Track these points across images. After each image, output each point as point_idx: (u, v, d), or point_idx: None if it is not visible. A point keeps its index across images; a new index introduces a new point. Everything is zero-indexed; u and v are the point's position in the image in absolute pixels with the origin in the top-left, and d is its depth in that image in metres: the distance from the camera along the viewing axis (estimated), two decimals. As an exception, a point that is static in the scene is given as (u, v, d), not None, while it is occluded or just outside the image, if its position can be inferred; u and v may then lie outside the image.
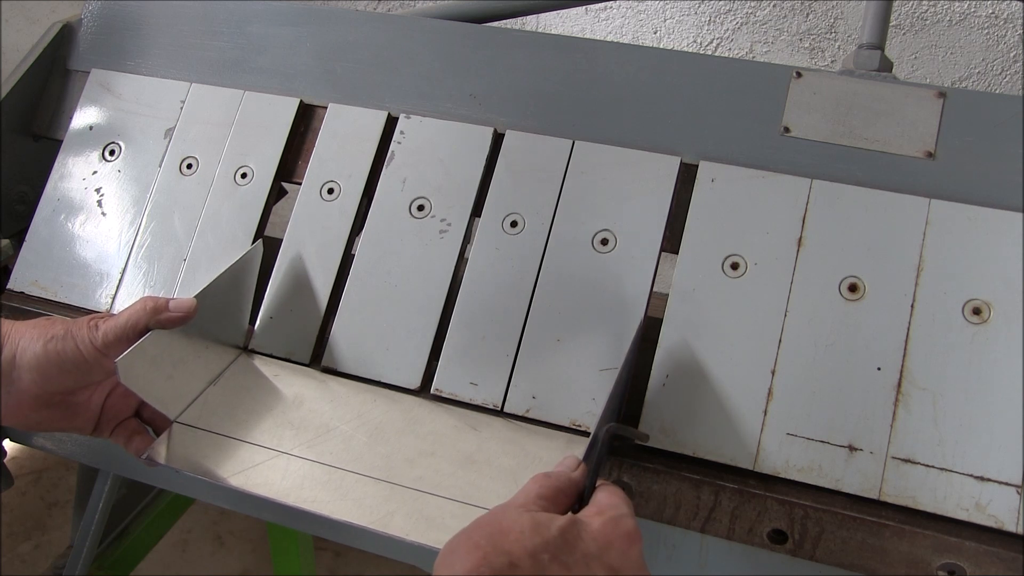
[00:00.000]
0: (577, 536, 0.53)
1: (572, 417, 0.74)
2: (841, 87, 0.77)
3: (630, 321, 0.75)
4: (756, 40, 1.31)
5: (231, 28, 0.94)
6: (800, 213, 0.75)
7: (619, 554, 0.53)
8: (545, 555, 0.51)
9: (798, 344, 0.72)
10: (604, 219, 0.79)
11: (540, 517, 0.53)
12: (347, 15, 0.92)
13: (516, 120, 0.84)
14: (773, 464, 0.69)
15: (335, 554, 1.76)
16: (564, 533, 0.53)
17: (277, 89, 0.91)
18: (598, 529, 0.54)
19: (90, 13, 1.01)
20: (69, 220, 0.92)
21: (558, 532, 0.53)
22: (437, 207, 0.83)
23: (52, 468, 1.95)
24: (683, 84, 0.81)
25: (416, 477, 0.68)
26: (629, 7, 1.35)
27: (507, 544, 0.51)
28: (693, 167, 0.79)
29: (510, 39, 0.86)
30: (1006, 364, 0.68)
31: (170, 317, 0.70)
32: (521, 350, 0.77)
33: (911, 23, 1.24)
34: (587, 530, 0.54)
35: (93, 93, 0.97)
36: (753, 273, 0.74)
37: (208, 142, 0.91)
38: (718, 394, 0.72)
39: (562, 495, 0.58)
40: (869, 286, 0.72)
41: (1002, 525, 0.65)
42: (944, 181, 0.73)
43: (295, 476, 0.69)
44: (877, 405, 0.69)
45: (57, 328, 0.69)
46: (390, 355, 0.80)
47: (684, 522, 0.69)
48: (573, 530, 0.53)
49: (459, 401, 0.77)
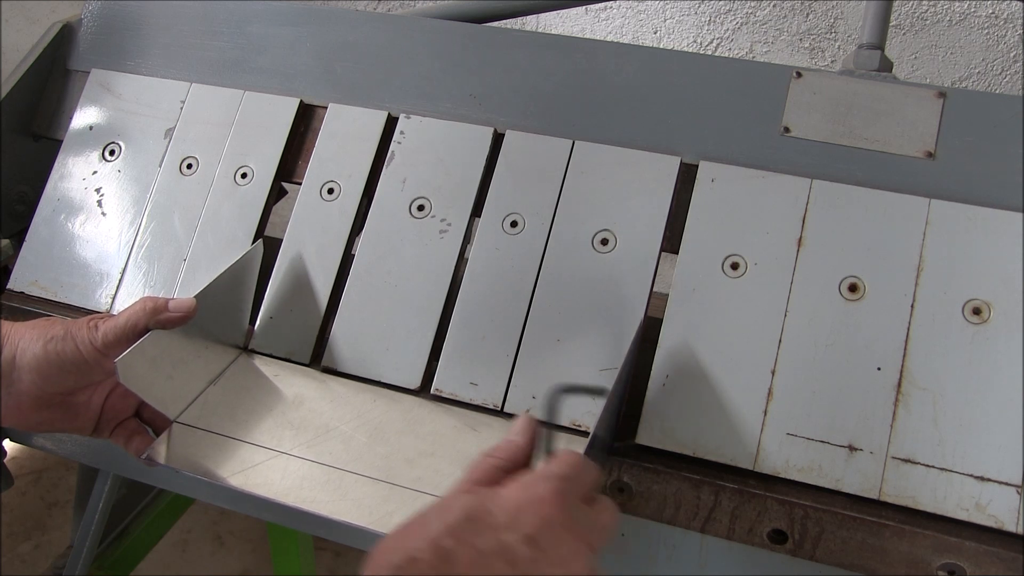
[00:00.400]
0: (486, 512, 0.49)
1: (572, 417, 0.74)
2: (841, 87, 0.77)
3: (630, 321, 0.75)
4: (756, 40, 1.31)
5: (231, 28, 0.94)
6: (800, 213, 0.75)
7: (533, 518, 0.48)
8: (448, 540, 0.47)
9: (798, 344, 0.72)
10: (604, 219, 0.79)
11: (447, 500, 0.50)
12: (347, 15, 0.92)
13: (516, 120, 0.84)
14: (773, 464, 0.69)
15: (335, 554, 1.76)
16: (469, 512, 0.49)
17: (277, 89, 0.91)
18: (507, 497, 0.50)
19: (90, 13, 1.01)
20: (69, 220, 0.92)
21: (462, 512, 0.48)
22: (437, 207, 0.83)
23: (52, 468, 1.95)
24: (683, 84, 0.81)
25: (415, 478, 0.68)
26: (629, 7, 1.35)
27: (408, 540, 0.48)
28: (693, 167, 0.79)
29: (510, 39, 0.86)
30: (1006, 364, 0.68)
31: (170, 317, 0.70)
32: (521, 350, 0.77)
33: (911, 23, 1.24)
34: (496, 501, 0.50)
35: (93, 93, 0.97)
36: (753, 273, 0.74)
37: (208, 142, 0.91)
38: (718, 394, 0.72)
39: (501, 472, 0.53)
40: (869, 286, 0.72)
41: (1002, 525, 0.65)
42: (944, 181, 0.73)
43: (295, 476, 0.69)
44: (877, 405, 0.69)
45: (57, 329, 0.69)
46: (390, 355, 0.80)
47: (684, 522, 0.69)
48: (481, 506, 0.49)
49: (459, 401, 0.77)
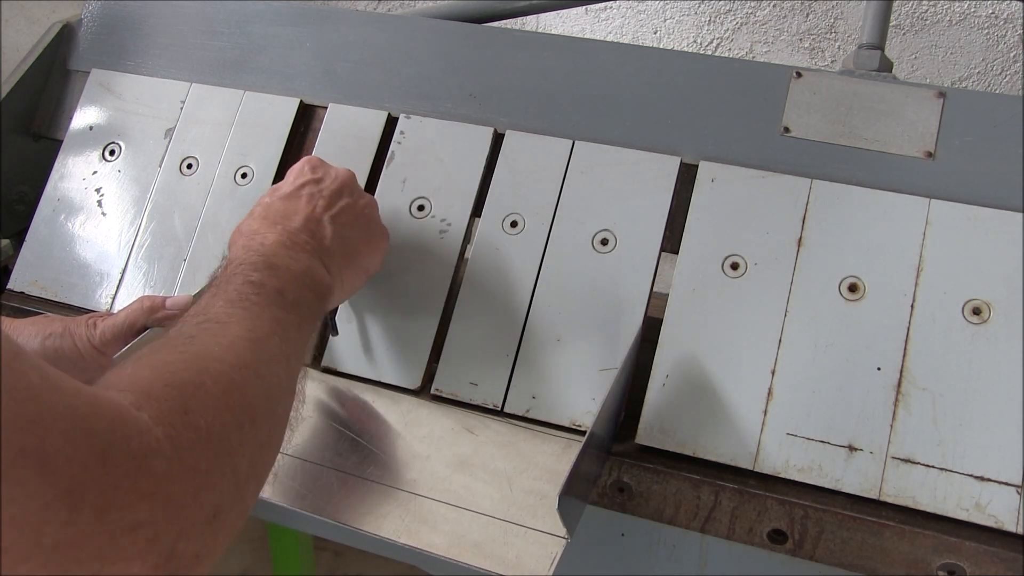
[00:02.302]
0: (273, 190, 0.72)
1: (572, 417, 0.74)
2: (841, 87, 0.77)
3: (630, 321, 0.75)
4: (756, 40, 1.31)
5: (231, 28, 0.94)
6: (800, 213, 0.75)
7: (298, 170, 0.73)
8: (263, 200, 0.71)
9: (798, 344, 0.72)
10: (604, 219, 0.79)
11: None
12: (347, 15, 0.92)
13: (516, 120, 0.84)
14: (773, 464, 0.69)
15: (335, 554, 1.76)
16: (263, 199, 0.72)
17: (277, 89, 0.91)
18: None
19: (90, 13, 1.01)
20: (69, 220, 0.92)
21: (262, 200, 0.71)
22: (437, 207, 0.83)
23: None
24: (683, 84, 0.81)
25: (411, 480, 0.68)
26: (629, 7, 1.35)
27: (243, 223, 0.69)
28: (693, 167, 0.78)
29: (510, 39, 0.86)
30: (1006, 364, 0.68)
31: (167, 315, 0.70)
32: (521, 350, 0.77)
33: (911, 23, 1.24)
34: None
35: (93, 93, 0.97)
36: (753, 273, 0.74)
37: (208, 142, 0.91)
38: (718, 394, 0.72)
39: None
40: (869, 286, 0.72)
41: (1002, 525, 0.65)
42: (944, 181, 0.73)
43: (290, 477, 0.69)
44: (877, 405, 0.69)
45: (55, 326, 0.69)
46: (390, 355, 0.79)
47: (684, 522, 0.69)
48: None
49: (459, 401, 0.77)
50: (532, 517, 0.64)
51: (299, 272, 0.63)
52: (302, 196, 0.70)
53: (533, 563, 0.60)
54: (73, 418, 0.35)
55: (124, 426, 0.38)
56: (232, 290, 0.58)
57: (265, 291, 0.59)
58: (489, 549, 0.61)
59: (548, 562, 0.60)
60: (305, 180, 0.72)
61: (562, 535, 0.61)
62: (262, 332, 0.54)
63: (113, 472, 0.36)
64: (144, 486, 0.37)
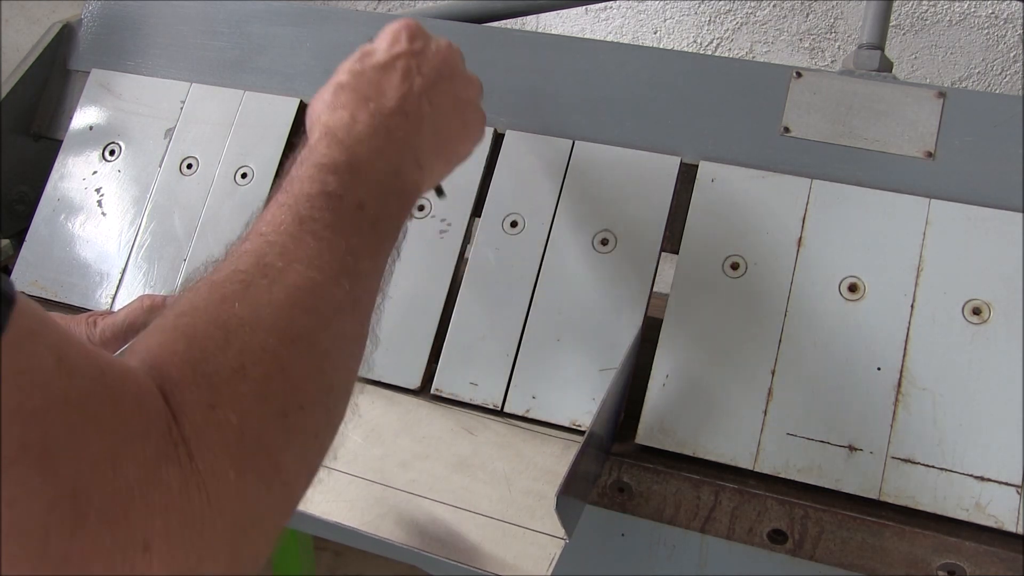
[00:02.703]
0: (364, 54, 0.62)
1: (572, 417, 0.74)
2: (841, 87, 0.77)
3: (630, 321, 0.75)
4: (756, 40, 1.31)
5: (231, 28, 0.94)
6: (800, 213, 0.75)
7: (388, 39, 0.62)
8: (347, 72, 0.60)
9: (798, 344, 0.71)
10: (604, 219, 0.79)
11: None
12: (347, 15, 0.92)
13: (516, 120, 0.84)
14: (773, 464, 0.69)
15: (335, 554, 1.76)
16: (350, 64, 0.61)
17: (277, 89, 0.91)
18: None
19: (90, 13, 1.01)
20: (69, 220, 0.92)
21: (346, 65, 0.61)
22: (437, 207, 0.83)
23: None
24: (683, 84, 0.81)
25: (409, 480, 0.68)
26: (629, 7, 1.35)
27: (323, 91, 0.61)
28: (693, 167, 0.78)
29: (510, 39, 0.86)
30: (1006, 364, 0.68)
31: None
32: (521, 350, 0.77)
33: (911, 23, 1.24)
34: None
35: (93, 93, 0.97)
36: (753, 273, 0.74)
37: (208, 142, 0.91)
38: (718, 394, 0.72)
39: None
40: (869, 286, 0.72)
41: (1002, 525, 0.65)
42: (944, 181, 0.73)
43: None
44: (877, 405, 0.69)
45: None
46: (390, 355, 0.79)
47: (684, 522, 0.69)
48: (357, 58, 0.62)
49: (459, 401, 0.77)
50: (531, 518, 0.64)
51: (387, 174, 0.55)
52: (397, 69, 0.60)
53: (531, 564, 0.60)
54: (84, 409, 0.31)
55: (143, 422, 0.34)
56: (304, 201, 0.50)
57: (343, 207, 0.51)
58: (488, 550, 0.61)
59: (546, 563, 0.60)
60: (401, 50, 0.61)
61: (560, 536, 0.61)
62: (329, 273, 0.47)
63: (123, 477, 0.32)
64: (156, 498, 0.32)
